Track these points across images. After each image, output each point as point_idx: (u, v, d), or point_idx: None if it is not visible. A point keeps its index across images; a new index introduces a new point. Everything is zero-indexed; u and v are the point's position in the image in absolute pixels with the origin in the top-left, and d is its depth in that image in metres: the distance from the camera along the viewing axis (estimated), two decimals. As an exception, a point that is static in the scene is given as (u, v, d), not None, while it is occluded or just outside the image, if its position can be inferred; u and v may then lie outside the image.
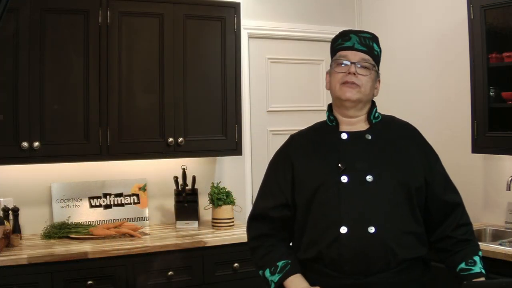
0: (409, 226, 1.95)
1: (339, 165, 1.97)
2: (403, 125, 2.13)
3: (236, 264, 3.44)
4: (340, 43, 2.06)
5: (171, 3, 3.58)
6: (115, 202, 3.76)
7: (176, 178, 3.75)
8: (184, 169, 3.76)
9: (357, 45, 2.02)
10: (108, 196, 3.74)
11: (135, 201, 3.81)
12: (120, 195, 3.77)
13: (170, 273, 3.27)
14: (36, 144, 3.22)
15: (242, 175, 4.19)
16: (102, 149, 3.42)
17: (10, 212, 3.33)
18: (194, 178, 3.77)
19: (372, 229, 1.89)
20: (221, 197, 3.71)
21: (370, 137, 2.02)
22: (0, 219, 3.17)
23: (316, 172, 2.00)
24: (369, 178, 1.94)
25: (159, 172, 3.88)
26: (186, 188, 3.75)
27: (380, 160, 1.98)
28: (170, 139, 3.58)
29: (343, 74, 2.01)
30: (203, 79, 3.70)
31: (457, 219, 2.03)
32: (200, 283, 3.36)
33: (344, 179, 1.95)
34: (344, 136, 2.03)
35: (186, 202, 3.74)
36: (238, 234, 3.52)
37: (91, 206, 3.68)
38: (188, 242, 3.36)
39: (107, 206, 3.73)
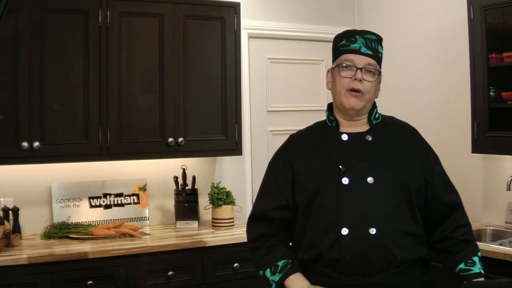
0: (409, 227, 1.95)
1: (340, 166, 1.96)
2: (402, 125, 2.13)
3: (236, 264, 3.44)
4: (346, 44, 2.01)
5: (171, 3, 3.58)
6: (115, 202, 3.76)
7: (176, 178, 3.75)
8: (184, 169, 3.76)
9: (363, 48, 1.99)
10: (108, 196, 3.74)
11: (135, 201, 3.81)
12: (120, 195, 3.77)
13: (170, 273, 3.27)
14: (36, 144, 3.22)
15: (242, 175, 4.19)
16: (102, 149, 3.42)
17: (10, 212, 3.33)
18: (194, 178, 3.77)
19: (373, 231, 1.89)
20: (221, 197, 3.71)
21: (370, 138, 2.02)
22: (0, 219, 3.17)
23: (317, 173, 2.00)
24: (370, 180, 1.94)
25: (159, 172, 3.88)
26: (186, 188, 3.75)
27: (381, 161, 1.98)
28: (170, 139, 3.58)
29: (349, 80, 1.98)
30: (203, 79, 3.70)
31: (456, 220, 2.03)
32: (200, 283, 3.36)
33: (345, 180, 1.94)
34: (344, 137, 2.03)
35: (186, 202, 3.74)
36: (238, 234, 3.51)
37: (91, 206, 3.68)
38: (188, 242, 3.36)
39: (107, 206, 3.73)
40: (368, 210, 1.91)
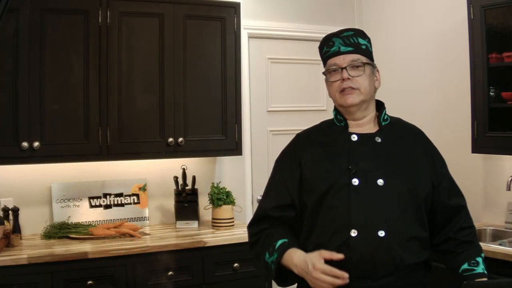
0: (415, 231, 1.94)
1: (350, 167, 1.94)
2: (410, 127, 2.12)
3: (236, 264, 3.44)
4: (326, 50, 2.06)
5: (171, 3, 3.58)
6: (115, 202, 3.76)
7: (176, 178, 3.75)
8: (184, 169, 3.76)
9: (342, 48, 2.01)
10: (108, 196, 3.74)
11: (135, 201, 3.81)
12: (120, 195, 3.77)
13: (170, 273, 3.27)
14: (36, 144, 3.22)
15: (242, 175, 4.19)
16: (102, 149, 3.42)
17: (10, 212, 3.33)
18: (194, 178, 3.77)
19: (382, 233, 1.87)
20: (221, 197, 3.71)
21: (380, 140, 2.00)
22: (0, 219, 3.17)
23: (326, 173, 1.97)
24: (380, 182, 1.92)
25: (159, 172, 3.88)
26: (186, 188, 3.75)
27: (390, 164, 1.96)
28: (170, 139, 3.58)
29: (339, 82, 2.00)
30: (203, 79, 3.70)
31: (460, 222, 2.02)
32: (200, 283, 3.36)
33: (355, 182, 1.92)
34: (354, 137, 2.00)
35: (186, 202, 3.74)
36: (238, 234, 3.51)
37: (91, 206, 3.68)
38: (188, 242, 3.36)
39: (107, 206, 3.73)
40: (377, 212, 1.89)
